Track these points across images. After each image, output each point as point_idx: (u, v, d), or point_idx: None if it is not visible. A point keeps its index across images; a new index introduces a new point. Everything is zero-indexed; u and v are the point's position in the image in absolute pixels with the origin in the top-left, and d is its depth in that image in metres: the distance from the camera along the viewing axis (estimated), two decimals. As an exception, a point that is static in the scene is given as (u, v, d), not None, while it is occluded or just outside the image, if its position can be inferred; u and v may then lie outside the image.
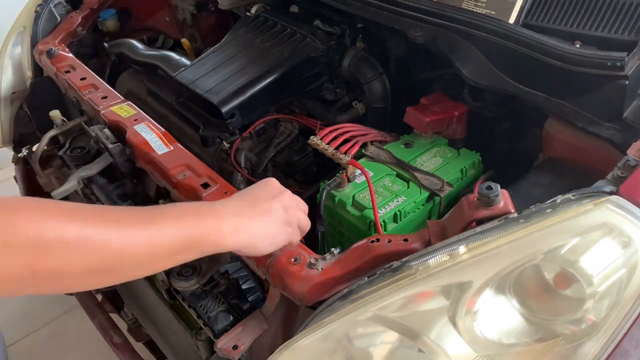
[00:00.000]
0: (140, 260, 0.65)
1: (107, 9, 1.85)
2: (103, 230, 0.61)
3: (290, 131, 1.38)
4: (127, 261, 0.64)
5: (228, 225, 0.75)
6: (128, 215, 0.66)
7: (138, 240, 0.64)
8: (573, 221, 0.73)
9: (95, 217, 0.63)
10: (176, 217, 0.71)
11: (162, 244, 0.67)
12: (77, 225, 0.60)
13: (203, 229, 0.72)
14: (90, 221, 0.61)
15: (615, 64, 0.91)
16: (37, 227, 0.57)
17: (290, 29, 1.43)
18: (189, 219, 0.71)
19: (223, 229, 0.74)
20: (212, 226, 0.73)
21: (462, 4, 1.12)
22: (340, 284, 0.82)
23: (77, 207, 0.63)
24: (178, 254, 0.70)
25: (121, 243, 0.62)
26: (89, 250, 0.60)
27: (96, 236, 0.61)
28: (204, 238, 0.72)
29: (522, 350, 0.74)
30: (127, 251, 0.63)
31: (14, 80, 1.71)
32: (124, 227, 0.64)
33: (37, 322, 2.23)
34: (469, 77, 1.09)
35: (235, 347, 0.90)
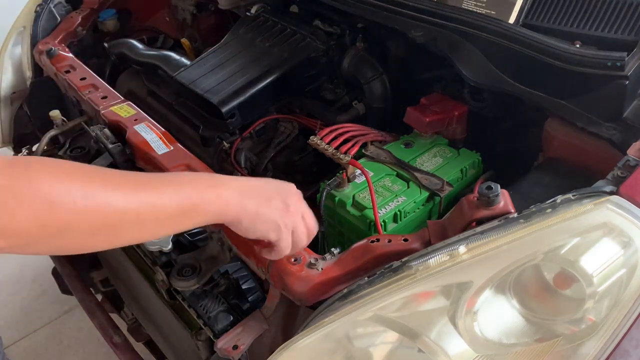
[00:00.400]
0: (143, 221, 0.66)
1: (107, 9, 1.85)
2: (107, 190, 0.63)
3: (290, 131, 1.38)
4: (130, 222, 0.65)
5: (228, 193, 0.75)
6: (134, 179, 0.68)
7: (141, 202, 0.66)
8: (573, 221, 0.73)
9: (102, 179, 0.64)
10: (179, 182, 0.72)
11: (164, 206, 0.68)
12: (84, 185, 0.61)
13: (204, 195, 0.73)
14: (97, 182, 0.63)
15: (615, 64, 0.91)
16: (48, 183, 0.58)
17: (290, 29, 1.43)
18: (191, 185, 0.73)
19: (224, 197, 0.74)
20: (213, 193, 0.74)
21: (462, 4, 1.12)
22: (340, 284, 0.82)
23: (86, 168, 0.65)
24: (179, 218, 0.71)
25: (125, 203, 0.64)
26: (94, 209, 0.61)
27: (101, 196, 0.62)
28: (205, 204, 0.72)
29: (522, 350, 0.74)
30: (130, 212, 0.64)
31: (14, 80, 1.71)
32: (128, 189, 0.65)
33: (37, 322, 2.23)
34: (469, 77, 1.09)
35: (235, 347, 0.90)
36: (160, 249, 0.96)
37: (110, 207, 0.62)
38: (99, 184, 0.63)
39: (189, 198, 0.71)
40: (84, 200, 0.60)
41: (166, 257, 1.05)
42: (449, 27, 1.11)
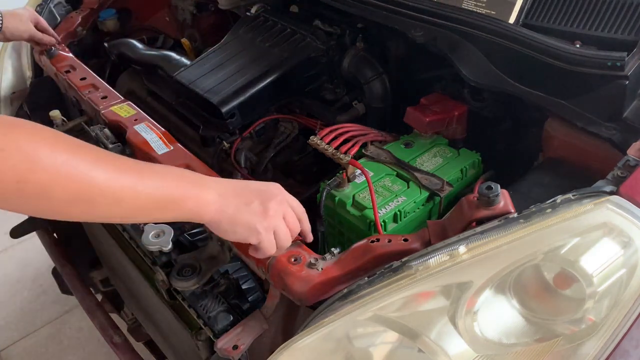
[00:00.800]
0: (120, 202, 0.68)
1: (107, 9, 1.85)
2: (92, 164, 0.65)
3: (290, 131, 1.38)
4: (108, 199, 0.66)
5: (208, 196, 0.76)
6: (121, 161, 0.70)
7: (122, 183, 0.67)
8: (573, 221, 0.73)
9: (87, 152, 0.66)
10: (163, 174, 0.74)
11: (143, 193, 0.69)
12: (68, 153, 0.63)
13: (184, 191, 0.74)
14: (83, 153, 0.65)
15: (615, 64, 0.91)
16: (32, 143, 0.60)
17: (290, 29, 1.43)
18: (174, 179, 0.74)
19: (204, 197, 0.76)
20: (193, 192, 0.75)
21: (462, 4, 1.12)
22: (340, 284, 0.82)
23: (73, 140, 0.66)
24: (156, 208, 0.72)
25: (106, 179, 0.65)
26: (75, 178, 0.63)
27: (84, 166, 0.64)
28: (183, 200, 0.74)
29: (522, 350, 0.74)
30: (111, 189, 0.66)
31: (14, 80, 1.71)
32: (111, 166, 0.67)
33: (37, 322, 2.23)
34: (469, 77, 1.09)
35: (235, 347, 0.90)
36: (160, 249, 0.96)
37: (91, 180, 0.64)
38: (86, 156, 0.65)
39: (169, 191, 0.72)
40: (66, 167, 0.62)
41: (166, 257, 1.05)
42: (449, 27, 1.11)
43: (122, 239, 1.29)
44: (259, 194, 0.82)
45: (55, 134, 0.65)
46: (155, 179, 0.72)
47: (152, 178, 0.71)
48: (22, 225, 1.81)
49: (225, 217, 0.78)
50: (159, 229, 0.96)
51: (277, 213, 0.82)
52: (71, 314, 2.23)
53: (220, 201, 0.78)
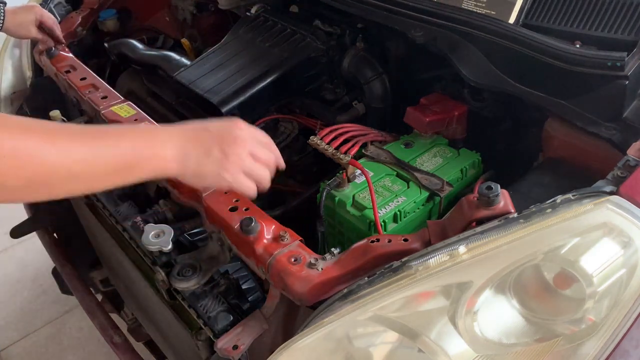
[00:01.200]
0: (76, 176, 0.66)
1: (107, 9, 1.85)
2: (40, 144, 0.63)
3: (290, 131, 1.38)
4: (63, 176, 0.65)
5: (167, 153, 0.75)
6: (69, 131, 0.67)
7: (74, 157, 0.65)
8: (573, 221, 0.73)
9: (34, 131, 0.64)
10: (116, 137, 0.72)
11: (98, 162, 0.67)
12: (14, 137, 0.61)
13: (140, 153, 0.72)
14: (29, 134, 0.63)
15: (615, 64, 0.91)
16: None
17: (290, 29, 1.43)
18: (129, 141, 0.72)
19: (162, 155, 0.74)
20: (150, 152, 0.73)
21: (462, 4, 1.12)
22: (340, 284, 0.82)
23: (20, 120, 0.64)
24: (114, 175, 0.70)
25: (57, 157, 0.63)
26: (24, 162, 0.61)
27: (32, 149, 0.62)
28: (141, 163, 0.72)
29: (522, 350, 0.74)
30: (63, 166, 0.64)
31: (14, 80, 1.71)
32: (61, 141, 0.65)
33: (37, 322, 2.23)
34: (469, 77, 1.09)
35: (235, 347, 0.90)
36: (160, 249, 0.96)
37: (42, 161, 0.62)
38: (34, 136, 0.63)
39: (125, 157, 0.70)
40: (14, 152, 0.60)
41: (166, 257, 1.05)
42: (449, 27, 1.11)
43: (122, 239, 1.29)
44: (219, 139, 0.80)
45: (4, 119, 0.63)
46: (108, 146, 0.69)
47: (106, 145, 0.69)
48: (22, 225, 1.81)
49: (189, 170, 0.78)
50: (159, 229, 0.96)
51: (240, 156, 0.81)
52: (71, 314, 2.23)
53: (180, 155, 0.76)
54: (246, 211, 0.95)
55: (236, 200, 0.98)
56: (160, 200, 1.17)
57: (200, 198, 1.01)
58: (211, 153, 0.79)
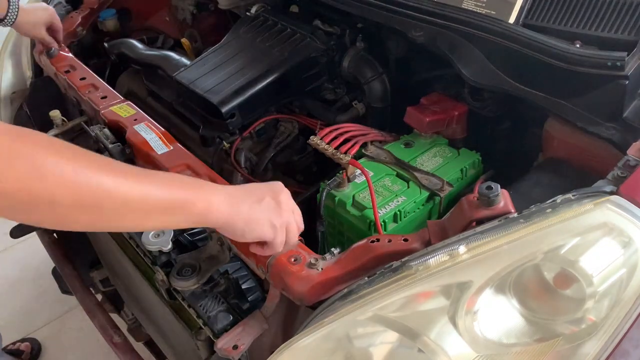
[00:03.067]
0: (129, 207, 0.67)
1: (107, 9, 1.85)
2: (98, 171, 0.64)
3: (290, 131, 1.38)
4: (116, 205, 0.66)
5: (218, 198, 0.76)
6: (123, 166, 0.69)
7: (129, 187, 0.66)
8: (573, 221, 0.73)
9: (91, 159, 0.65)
10: (169, 179, 0.74)
11: (151, 196, 0.69)
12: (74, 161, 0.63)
13: (192, 194, 0.73)
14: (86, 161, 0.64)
15: (616, 63, 0.91)
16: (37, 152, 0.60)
17: (290, 28, 1.43)
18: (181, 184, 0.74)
19: (212, 199, 0.75)
20: (201, 194, 0.74)
21: (462, 4, 1.12)
22: (340, 284, 0.82)
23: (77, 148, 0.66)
24: (165, 212, 0.71)
25: (114, 185, 0.65)
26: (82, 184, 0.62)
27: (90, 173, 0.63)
28: (192, 202, 0.73)
29: (522, 350, 0.74)
30: (118, 193, 0.65)
31: (14, 80, 1.71)
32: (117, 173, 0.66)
33: (37, 322, 2.23)
34: (469, 77, 1.09)
35: (235, 347, 0.90)
36: (160, 249, 0.96)
37: (98, 186, 0.63)
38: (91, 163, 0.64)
39: (177, 194, 0.72)
40: (73, 175, 0.61)
41: (166, 257, 1.05)
42: (449, 27, 1.11)
43: (122, 238, 1.29)
44: (268, 190, 0.82)
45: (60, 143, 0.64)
46: (161, 184, 0.71)
47: (159, 183, 0.71)
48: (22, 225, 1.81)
49: (240, 217, 0.78)
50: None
51: (288, 207, 0.83)
52: (71, 314, 2.23)
53: (231, 202, 0.77)
54: (246, 211, 0.95)
55: (236, 200, 0.98)
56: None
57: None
58: (263, 201, 0.80)
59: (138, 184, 0.68)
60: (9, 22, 1.42)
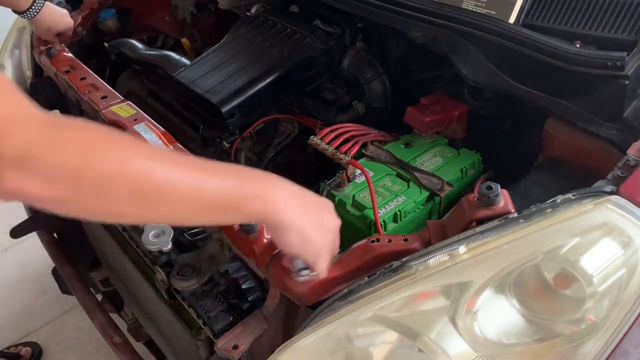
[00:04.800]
0: (184, 199, 0.63)
1: (107, 9, 1.85)
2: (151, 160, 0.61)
3: (290, 131, 1.38)
4: (171, 196, 0.62)
5: (278, 196, 0.70)
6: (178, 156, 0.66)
7: (184, 179, 0.62)
8: (573, 221, 0.73)
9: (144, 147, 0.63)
10: (226, 171, 0.69)
11: (207, 191, 0.64)
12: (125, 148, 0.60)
13: (250, 190, 0.68)
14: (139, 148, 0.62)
15: (616, 63, 0.91)
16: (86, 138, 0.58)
17: (290, 28, 1.43)
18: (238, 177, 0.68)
19: (272, 198, 0.69)
20: (259, 190, 0.69)
21: (462, 4, 1.12)
22: (340, 284, 0.82)
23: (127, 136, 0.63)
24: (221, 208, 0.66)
25: (168, 176, 0.61)
26: (134, 172, 0.59)
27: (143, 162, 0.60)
28: (249, 199, 0.67)
29: (522, 350, 0.74)
30: (173, 185, 0.61)
31: (14, 80, 1.71)
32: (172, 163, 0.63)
33: (37, 322, 2.23)
34: (469, 77, 1.09)
35: (235, 346, 0.90)
36: (160, 249, 0.96)
37: (151, 175, 0.60)
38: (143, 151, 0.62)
39: (234, 190, 0.66)
40: (126, 160, 0.59)
41: (166, 257, 1.05)
42: (449, 27, 1.11)
43: (122, 238, 1.29)
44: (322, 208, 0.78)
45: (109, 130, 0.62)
46: (218, 177, 0.66)
47: (215, 175, 0.66)
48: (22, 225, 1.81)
49: (295, 227, 0.72)
50: (158, 228, 0.96)
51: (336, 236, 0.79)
52: (71, 314, 2.23)
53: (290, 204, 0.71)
54: (246, 211, 0.95)
55: (236, 200, 0.98)
56: (160, 200, 1.17)
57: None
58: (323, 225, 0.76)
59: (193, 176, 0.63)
60: (30, 15, 1.42)
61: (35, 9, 1.42)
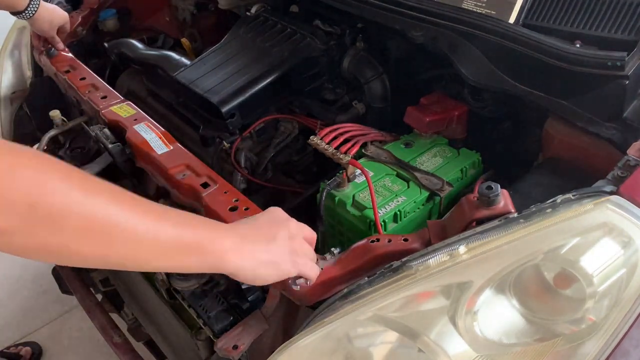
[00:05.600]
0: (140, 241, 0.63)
1: (107, 9, 1.85)
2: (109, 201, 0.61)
3: (290, 131, 1.38)
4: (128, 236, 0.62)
5: (230, 242, 0.71)
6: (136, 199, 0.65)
7: (139, 220, 0.63)
8: (573, 221, 0.73)
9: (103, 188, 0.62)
10: (182, 217, 0.69)
11: (163, 234, 0.65)
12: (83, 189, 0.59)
13: (203, 238, 0.69)
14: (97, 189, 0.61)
15: (616, 63, 0.91)
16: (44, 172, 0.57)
17: (290, 28, 1.43)
18: (194, 226, 0.69)
19: (224, 245, 0.71)
20: (213, 238, 0.70)
21: (462, 4, 1.12)
22: (340, 284, 0.82)
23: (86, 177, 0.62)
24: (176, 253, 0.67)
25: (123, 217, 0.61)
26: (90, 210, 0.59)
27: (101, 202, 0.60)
28: (202, 248, 0.69)
29: (522, 350, 0.74)
30: (128, 227, 0.61)
31: (14, 80, 1.71)
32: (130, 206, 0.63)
33: (37, 322, 2.23)
34: (469, 77, 1.09)
35: (235, 347, 0.90)
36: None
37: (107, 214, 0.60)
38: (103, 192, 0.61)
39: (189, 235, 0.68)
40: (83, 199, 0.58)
41: (166, 257, 1.05)
42: (449, 27, 1.11)
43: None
44: (277, 224, 0.78)
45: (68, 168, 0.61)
46: (175, 223, 0.67)
47: (173, 222, 0.67)
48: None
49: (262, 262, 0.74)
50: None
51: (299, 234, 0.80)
52: (71, 314, 2.23)
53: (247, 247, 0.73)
54: (246, 211, 0.95)
55: (236, 200, 0.98)
56: (160, 200, 1.17)
57: (200, 198, 1.01)
58: (277, 237, 0.76)
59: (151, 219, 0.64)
60: (28, 15, 1.44)
61: (33, 7, 1.42)
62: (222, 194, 1.01)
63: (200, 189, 1.02)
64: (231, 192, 1.00)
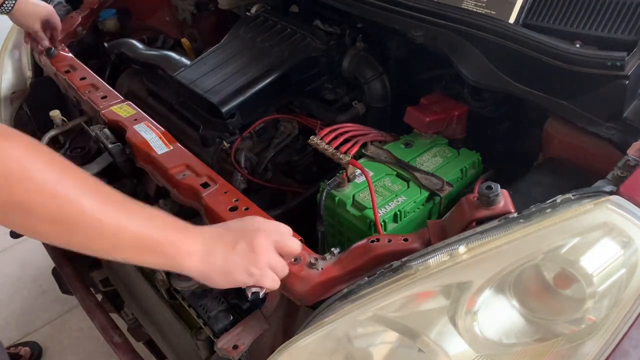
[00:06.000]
0: (103, 234, 0.66)
1: (107, 9, 1.85)
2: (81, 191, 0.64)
3: (290, 131, 1.38)
4: (91, 229, 0.65)
5: (190, 247, 0.73)
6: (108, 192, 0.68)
7: (107, 215, 0.65)
8: (573, 221, 0.73)
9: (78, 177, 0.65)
10: (149, 215, 0.72)
11: (127, 230, 0.67)
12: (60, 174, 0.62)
13: (167, 237, 0.71)
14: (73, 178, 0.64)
15: (616, 63, 0.91)
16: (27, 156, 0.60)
17: (290, 28, 1.43)
18: (158, 224, 0.72)
19: (184, 248, 0.73)
20: (174, 240, 0.72)
21: (462, 4, 1.12)
22: (340, 284, 0.82)
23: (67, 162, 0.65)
24: (136, 250, 0.69)
25: (92, 209, 0.64)
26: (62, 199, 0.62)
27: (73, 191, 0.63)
28: (164, 247, 0.71)
29: (522, 350, 0.74)
30: (95, 219, 0.64)
31: (14, 80, 1.71)
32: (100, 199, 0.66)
33: (37, 322, 2.23)
34: (469, 77, 1.09)
35: (235, 347, 0.90)
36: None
37: (78, 205, 0.63)
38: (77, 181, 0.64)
39: (152, 234, 0.70)
40: (55, 186, 0.61)
41: (166, 257, 1.05)
42: (449, 27, 1.11)
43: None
44: (242, 233, 0.79)
45: (51, 153, 0.64)
46: (140, 219, 0.69)
47: (138, 217, 0.69)
48: (22, 225, 1.81)
49: (215, 267, 0.76)
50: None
51: (267, 248, 0.79)
52: (71, 314, 2.23)
53: (205, 251, 0.75)
54: (246, 211, 0.95)
55: (236, 200, 0.98)
56: (160, 200, 1.17)
57: (200, 198, 1.01)
58: (237, 247, 0.77)
59: (117, 214, 0.66)
60: (6, 9, 1.43)
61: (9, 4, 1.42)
62: (222, 194, 1.01)
63: (200, 189, 1.02)
64: (231, 192, 1.00)
